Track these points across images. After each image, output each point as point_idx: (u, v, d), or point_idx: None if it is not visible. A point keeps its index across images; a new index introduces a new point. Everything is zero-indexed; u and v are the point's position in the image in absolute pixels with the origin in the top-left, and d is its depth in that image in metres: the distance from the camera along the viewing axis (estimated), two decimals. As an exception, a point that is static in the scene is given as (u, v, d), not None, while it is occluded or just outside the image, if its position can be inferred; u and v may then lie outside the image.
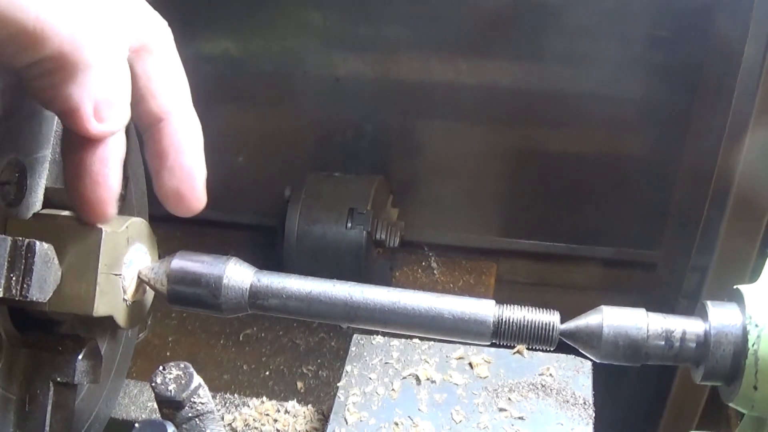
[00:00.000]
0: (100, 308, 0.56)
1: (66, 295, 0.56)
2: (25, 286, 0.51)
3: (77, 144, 0.52)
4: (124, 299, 0.60)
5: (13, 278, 0.51)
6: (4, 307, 0.57)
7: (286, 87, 1.66)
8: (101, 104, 0.50)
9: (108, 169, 0.53)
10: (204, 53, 1.65)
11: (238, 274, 0.60)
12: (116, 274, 0.58)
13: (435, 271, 1.68)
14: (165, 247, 0.65)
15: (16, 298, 0.51)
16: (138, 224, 0.61)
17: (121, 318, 0.60)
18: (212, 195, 0.63)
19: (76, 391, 0.63)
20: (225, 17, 1.60)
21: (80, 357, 0.59)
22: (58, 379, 0.59)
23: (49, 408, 0.58)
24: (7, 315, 0.58)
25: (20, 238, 0.52)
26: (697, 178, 1.43)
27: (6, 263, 0.51)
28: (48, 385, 0.59)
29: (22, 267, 0.51)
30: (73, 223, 0.57)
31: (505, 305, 0.59)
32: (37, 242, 0.52)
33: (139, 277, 0.61)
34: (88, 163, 0.52)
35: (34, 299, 0.52)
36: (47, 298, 0.54)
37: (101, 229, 0.56)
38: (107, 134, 0.52)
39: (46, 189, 0.61)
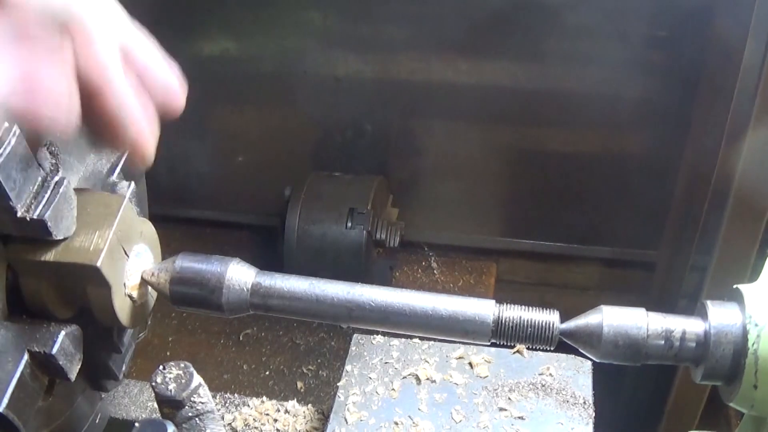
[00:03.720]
0: (105, 264, 0.56)
1: (75, 247, 0.56)
2: (43, 210, 0.53)
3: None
4: (124, 284, 0.60)
5: (34, 203, 0.53)
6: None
7: (286, 87, 1.66)
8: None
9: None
10: (204, 53, 1.65)
11: (240, 275, 0.60)
12: (125, 250, 0.59)
13: (435, 271, 1.68)
14: (165, 247, 0.65)
15: (34, 217, 0.53)
16: (148, 225, 0.62)
17: (124, 315, 0.60)
18: (212, 195, 0.63)
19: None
20: (225, 17, 1.60)
21: (64, 331, 0.58)
22: (35, 348, 0.57)
23: (17, 378, 0.57)
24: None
25: (51, 173, 0.54)
26: (697, 178, 1.43)
27: (34, 190, 0.53)
28: (22, 354, 0.57)
29: (47, 196, 0.54)
30: (100, 192, 0.60)
31: (504, 305, 0.59)
32: (67, 180, 0.55)
33: (142, 277, 0.61)
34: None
35: (49, 225, 0.54)
36: (59, 235, 0.55)
37: (124, 197, 0.59)
38: None
39: None
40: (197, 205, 1.76)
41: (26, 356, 0.57)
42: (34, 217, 0.53)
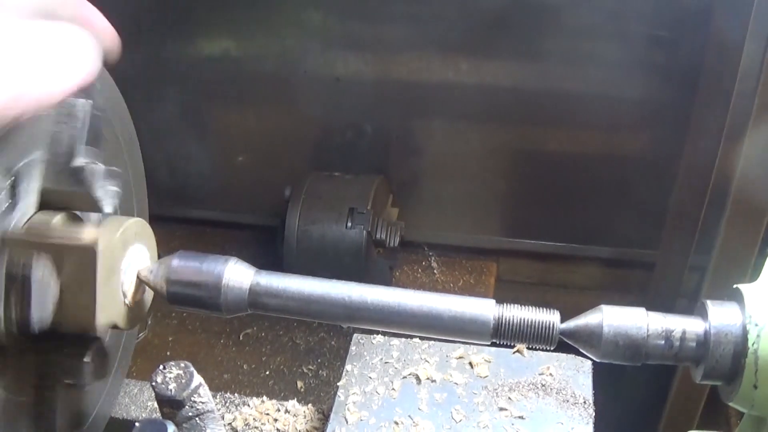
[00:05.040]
0: (102, 319, 0.57)
1: (68, 310, 0.57)
2: (24, 314, 0.54)
3: None
4: (125, 303, 0.60)
5: (12, 309, 0.53)
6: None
7: (286, 87, 1.66)
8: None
9: None
10: (204, 53, 1.65)
11: (237, 275, 0.60)
12: (115, 283, 0.58)
13: (435, 271, 1.68)
14: (165, 247, 0.65)
15: (17, 326, 0.53)
16: (136, 225, 0.62)
17: (122, 320, 0.60)
18: (212, 195, 0.63)
19: (83, 390, 0.63)
20: (225, 17, 1.60)
21: (87, 359, 0.59)
22: (67, 381, 0.59)
23: (59, 409, 0.58)
24: (13, 322, 0.58)
25: (15, 269, 0.53)
26: (697, 178, 1.43)
27: (3, 296, 0.53)
28: (57, 387, 0.59)
29: (21, 295, 0.54)
30: (69, 236, 0.57)
31: (505, 305, 0.59)
32: (33, 269, 0.53)
33: (138, 278, 0.61)
34: None
35: (36, 328, 0.54)
36: (49, 320, 0.55)
37: (96, 243, 0.57)
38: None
39: (43, 190, 0.60)
40: (197, 205, 1.76)
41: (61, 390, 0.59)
42: (18, 323, 0.54)
